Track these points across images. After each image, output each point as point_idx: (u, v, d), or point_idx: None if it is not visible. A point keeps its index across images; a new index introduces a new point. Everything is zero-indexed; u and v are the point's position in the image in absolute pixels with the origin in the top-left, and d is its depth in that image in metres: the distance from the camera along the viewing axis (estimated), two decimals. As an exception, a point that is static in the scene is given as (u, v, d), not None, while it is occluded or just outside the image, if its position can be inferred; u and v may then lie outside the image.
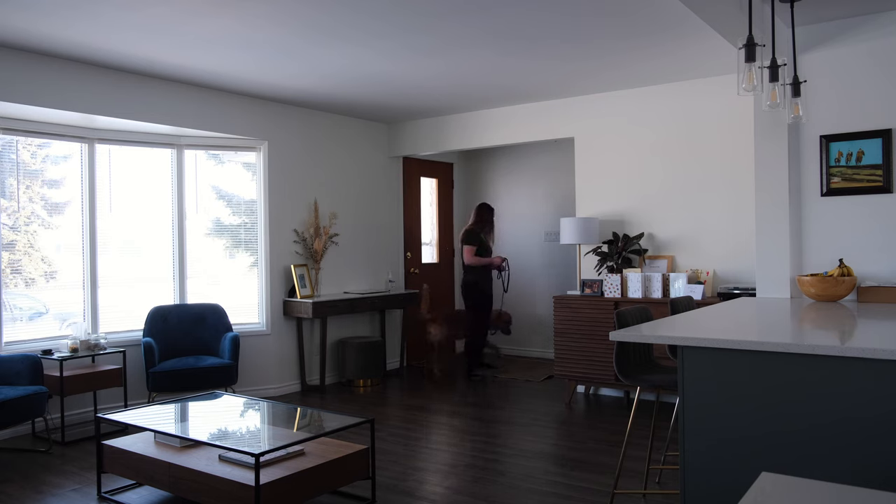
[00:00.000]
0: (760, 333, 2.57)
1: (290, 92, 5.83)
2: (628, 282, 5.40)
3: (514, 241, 7.93)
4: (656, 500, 3.53)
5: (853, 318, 3.02)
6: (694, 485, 2.46)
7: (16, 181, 5.00)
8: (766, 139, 4.10)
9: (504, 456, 4.28)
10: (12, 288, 4.94)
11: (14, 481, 3.90)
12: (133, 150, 5.60)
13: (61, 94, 4.75)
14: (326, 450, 3.43)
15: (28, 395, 4.18)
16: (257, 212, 6.17)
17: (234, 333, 5.44)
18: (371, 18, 4.01)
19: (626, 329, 2.73)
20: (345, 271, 6.80)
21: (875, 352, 2.12)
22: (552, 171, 7.61)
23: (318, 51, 4.62)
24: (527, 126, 6.49)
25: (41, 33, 4.21)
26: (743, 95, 3.22)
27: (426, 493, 3.66)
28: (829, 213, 4.04)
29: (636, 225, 5.83)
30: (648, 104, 5.78)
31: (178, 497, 3.48)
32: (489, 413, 5.35)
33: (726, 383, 2.40)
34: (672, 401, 5.12)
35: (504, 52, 4.74)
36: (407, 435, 4.79)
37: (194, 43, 4.43)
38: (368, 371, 6.43)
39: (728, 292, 4.98)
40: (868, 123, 3.94)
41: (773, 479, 1.28)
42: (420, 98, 6.13)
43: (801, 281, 3.69)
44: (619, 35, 4.39)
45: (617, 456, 4.17)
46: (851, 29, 3.98)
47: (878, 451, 2.14)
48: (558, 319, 5.71)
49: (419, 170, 7.75)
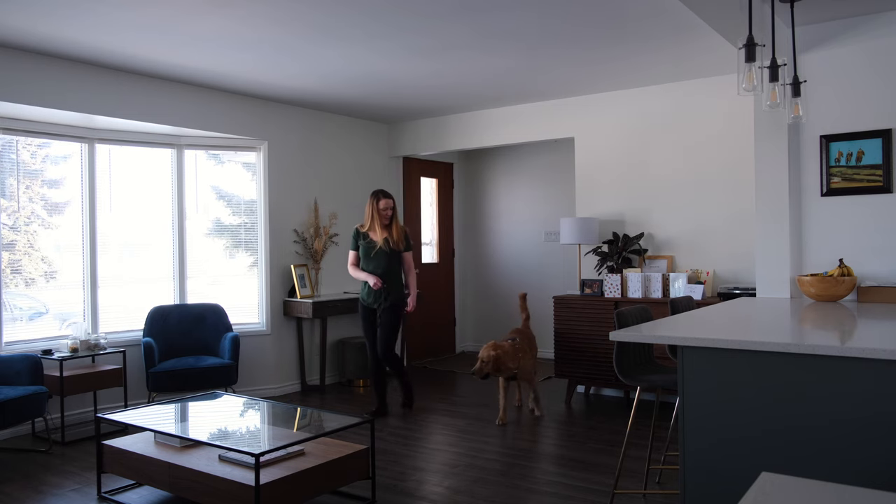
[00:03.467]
0: (760, 333, 2.57)
1: (291, 92, 5.83)
2: (628, 282, 5.40)
3: (514, 241, 7.93)
4: (656, 500, 3.53)
5: (853, 318, 3.02)
6: (694, 485, 2.46)
7: (16, 181, 5.00)
8: (766, 139, 4.09)
9: (504, 456, 4.28)
10: (12, 288, 4.94)
11: (14, 481, 3.90)
12: (133, 150, 5.60)
13: (61, 94, 4.75)
14: (326, 450, 3.43)
15: (28, 395, 4.18)
16: (257, 212, 6.17)
17: (234, 333, 5.44)
18: (370, 20, 4.01)
19: (626, 329, 2.73)
20: (345, 271, 6.78)
21: (875, 352, 2.12)
22: (552, 171, 7.61)
23: (319, 51, 4.62)
24: (527, 126, 6.49)
25: (41, 33, 4.21)
26: (743, 95, 3.22)
27: (426, 493, 3.66)
28: (829, 213, 4.04)
29: (636, 225, 5.83)
30: (649, 104, 5.78)
31: (178, 497, 3.48)
32: (489, 413, 5.35)
33: (726, 383, 2.39)
34: (672, 401, 5.12)
35: (504, 53, 4.74)
36: (407, 435, 4.79)
37: (194, 43, 4.43)
38: (368, 371, 6.42)
39: (728, 292, 4.98)
40: (868, 123, 3.94)
41: (773, 479, 1.28)
42: (420, 98, 6.13)
43: (801, 281, 3.69)
44: (619, 35, 4.39)
45: (617, 456, 4.17)
46: (851, 29, 3.98)
47: (879, 451, 2.14)
48: (558, 319, 5.71)
49: (419, 170, 7.75)
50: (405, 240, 5.36)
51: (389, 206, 5.28)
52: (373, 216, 5.27)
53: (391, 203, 5.30)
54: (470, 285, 8.32)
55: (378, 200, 5.27)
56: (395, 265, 5.30)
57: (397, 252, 5.29)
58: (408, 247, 5.38)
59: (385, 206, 5.26)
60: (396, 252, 5.29)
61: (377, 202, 5.27)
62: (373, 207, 5.27)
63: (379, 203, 5.26)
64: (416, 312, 7.46)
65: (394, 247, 5.26)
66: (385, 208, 5.26)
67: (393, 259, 5.28)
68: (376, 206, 5.26)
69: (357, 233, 5.35)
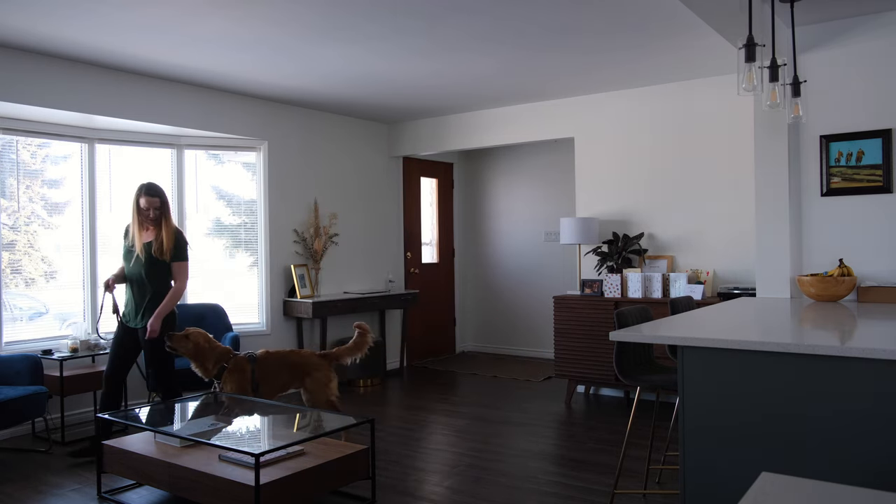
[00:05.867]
0: (760, 333, 2.57)
1: (290, 92, 5.83)
2: (628, 282, 5.40)
3: (514, 241, 7.93)
4: (656, 500, 3.53)
5: (853, 318, 3.02)
6: (694, 485, 2.46)
7: (16, 181, 5.00)
8: (766, 139, 4.09)
9: (504, 456, 4.28)
10: (12, 288, 4.94)
11: (14, 481, 3.90)
12: (133, 150, 5.60)
13: (61, 94, 4.75)
14: (326, 450, 3.43)
15: (28, 395, 4.17)
16: (257, 212, 6.17)
17: (235, 333, 5.44)
18: (366, 21, 4.01)
19: (626, 329, 2.73)
20: (345, 271, 6.80)
21: (875, 352, 2.12)
22: (552, 171, 7.61)
23: (317, 51, 4.62)
24: (527, 126, 6.49)
25: (41, 33, 4.21)
26: (743, 95, 3.22)
27: (426, 493, 3.66)
28: (829, 213, 4.04)
29: (636, 225, 5.83)
30: (648, 104, 5.78)
31: (178, 497, 3.47)
32: (489, 413, 5.35)
33: (726, 383, 2.39)
34: (672, 401, 5.12)
35: (503, 53, 4.74)
36: (407, 435, 4.79)
37: (194, 43, 4.43)
38: (368, 371, 6.43)
39: (728, 292, 4.98)
40: (868, 123, 3.94)
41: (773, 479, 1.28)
42: (420, 98, 6.13)
43: (801, 281, 3.69)
44: (620, 35, 4.39)
45: (617, 456, 4.17)
46: (851, 29, 3.98)
47: (879, 451, 2.14)
48: (558, 319, 5.71)
49: (419, 170, 7.75)
50: (176, 248, 4.25)
51: (153, 206, 4.18)
52: (133, 214, 4.23)
53: (156, 202, 4.19)
54: (470, 285, 8.33)
55: (139, 197, 4.19)
56: (157, 277, 4.24)
57: (162, 262, 4.23)
58: (178, 256, 4.26)
59: (147, 206, 4.18)
60: (160, 262, 4.22)
61: (137, 198, 4.19)
62: (134, 204, 4.22)
63: (140, 201, 4.18)
64: (417, 312, 7.49)
65: (156, 254, 4.18)
66: (147, 208, 4.18)
67: (155, 270, 4.22)
68: (136, 203, 4.20)
69: (125, 232, 4.34)
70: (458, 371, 7.09)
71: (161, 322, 4.21)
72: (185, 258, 4.32)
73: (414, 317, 7.53)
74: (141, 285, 4.24)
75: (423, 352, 7.73)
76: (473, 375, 6.85)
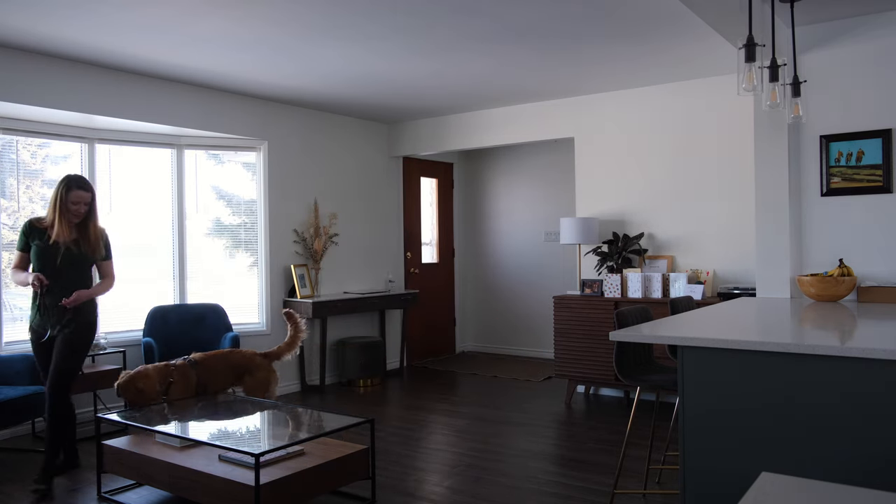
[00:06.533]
0: (760, 333, 2.57)
1: (290, 92, 5.83)
2: (628, 282, 5.40)
3: (514, 241, 7.93)
4: (656, 500, 3.53)
5: (853, 318, 3.02)
6: (694, 485, 2.46)
7: (16, 181, 5.00)
8: (766, 139, 4.09)
9: (504, 456, 4.28)
10: (12, 288, 4.94)
11: (14, 481, 3.90)
12: (133, 150, 5.60)
13: (61, 94, 4.75)
14: (326, 450, 3.43)
15: (28, 395, 4.17)
16: (257, 212, 6.17)
17: (234, 333, 5.44)
18: (367, 20, 4.01)
19: (626, 329, 2.73)
20: (345, 271, 6.80)
21: (875, 352, 2.12)
22: (552, 171, 7.61)
23: (317, 51, 4.62)
24: (527, 126, 6.49)
25: (41, 33, 4.21)
26: (743, 95, 3.22)
27: (426, 493, 3.66)
28: (829, 213, 4.04)
29: (636, 225, 5.83)
30: (648, 104, 5.78)
31: (178, 497, 3.48)
32: (489, 413, 5.35)
33: (726, 383, 2.39)
34: (672, 401, 5.12)
35: (503, 53, 4.74)
36: (407, 435, 4.79)
37: (194, 43, 4.43)
38: (368, 371, 6.43)
39: (728, 292, 4.98)
40: (868, 123, 3.94)
41: (773, 479, 1.28)
42: (420, 98, 6.13)
43: (801, 281, 3.69)
44: (619, 35, 4.39)
45: (617, 456, 4.17)
46: (851, 29, 3.98)
47: (879, 451, 2.14)
48: (558, 319, 5.71)
49: (419, 170, 7.75)
50: (107, 245, 4.10)
51: (83, 201, 3.89)
52: (58, 209, 3.84)
53: (87, 197, 3.90)
54: (470, 285, 8.33)
55: (68, 191, 3.84)
56: (84, 276, 3.98)
57: (91, 260, 4.00)
58: (109, 254, 4.11)
59: (77, 200, 3.86)
60: (90, 260, 3.99)
61: (66, 192, 3.83)
62: (59, 198, 3.84)
63: (69, 194, 3.84)
64: (416, 312, 7.50)
65: (87, 252, 3.95)
66: (77, 202, 3.86)
67: (84, 268, 3.97)
68: (63, 198, 3.83)
69: (29, 228, 3.92)
70: (458, 371, 7.09)
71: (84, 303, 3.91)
72: (111, 256, 4.14)
73: (414, 317, 7.53)
74: (64, 286, 3.86)
75: (423, 352, 7.73)
76: (473, 375, 6.85)
